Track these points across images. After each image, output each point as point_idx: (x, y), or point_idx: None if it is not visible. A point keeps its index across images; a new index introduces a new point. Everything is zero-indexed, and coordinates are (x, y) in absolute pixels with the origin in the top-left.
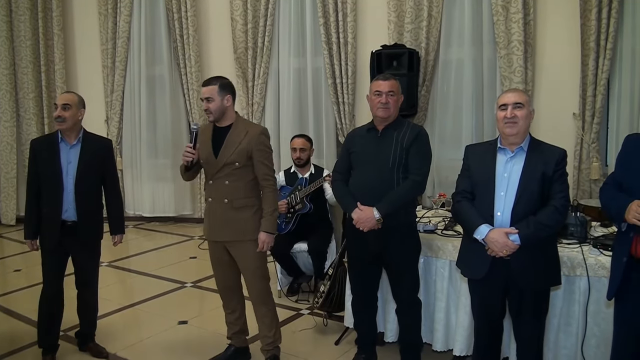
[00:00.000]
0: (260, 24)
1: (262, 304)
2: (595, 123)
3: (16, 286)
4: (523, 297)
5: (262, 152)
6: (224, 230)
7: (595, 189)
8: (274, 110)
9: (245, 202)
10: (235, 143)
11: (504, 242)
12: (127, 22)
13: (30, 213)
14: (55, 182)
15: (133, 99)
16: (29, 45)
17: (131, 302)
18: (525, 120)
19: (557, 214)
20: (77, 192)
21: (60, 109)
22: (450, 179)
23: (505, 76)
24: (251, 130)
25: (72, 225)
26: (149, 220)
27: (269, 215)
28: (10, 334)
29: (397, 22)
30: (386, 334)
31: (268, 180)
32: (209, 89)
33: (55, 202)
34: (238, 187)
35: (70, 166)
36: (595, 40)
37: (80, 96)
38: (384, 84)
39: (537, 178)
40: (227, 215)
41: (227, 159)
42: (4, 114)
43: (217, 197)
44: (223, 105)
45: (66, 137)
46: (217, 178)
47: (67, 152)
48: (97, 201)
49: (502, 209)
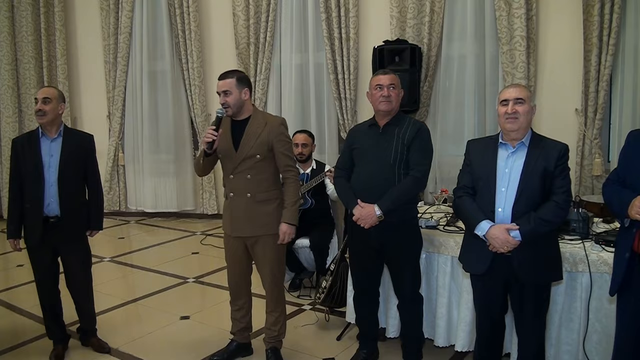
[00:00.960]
0: (262, 19)
1: (275, 300)
2: (597, 119)
3: (19, 281)
4: (524, 292)
5: (283, 143)
6: (248, 226)
7: (598, 185)
8: (276, 106)
9: (268, 196)
10: (255, 135)
11: (504, 238)
12: (129, 17)
13: (12, 211)
14: (37, 175)
15: (135, 95)
16: (30, 40)
17: (133, 298)
18: (526, 115)
19: (558, 210)
20: (59, 185)
21: (40, 102)
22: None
23: (507, 72)
24: (270, 121)
25: (55, 220)
26: (151, 216)
27: (291, 206)
28: (13, 328)
29: (400, 18)
30: (388, 329)
31: (290, 171)
32: (227, 82)
33: (36, 196)
34: (260, 180)
35: (52, 159)
36: (598, 35)
37: (60, 91)
38: (384, 78)
39: (539, 173)
40: (251, 210)
41: (248, 152)
42: (6, 110)
43: (239, 191)
44: (241, 98)
45: (47, 131)
46: (238, 172)
47: (49, 145)
48: (81, 196)
49: (503, 204)
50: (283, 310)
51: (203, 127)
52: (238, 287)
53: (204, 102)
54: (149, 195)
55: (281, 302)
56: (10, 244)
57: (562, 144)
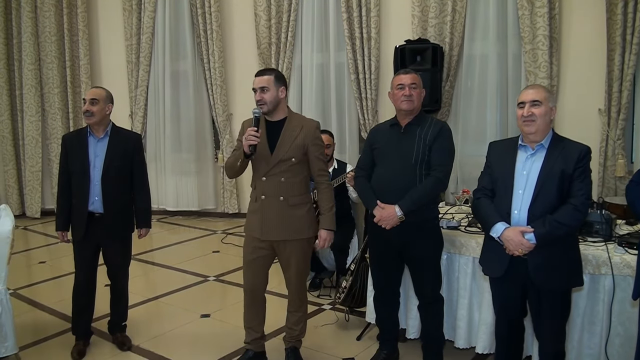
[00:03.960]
0: (283, 19)
1: (298, 301)
2: (621, 119)
3: (40, 278)
4: (541, 297)
5: (318, 147)
6: (279, 230)
7: (621, 186)
8: (297, 106)
9: (300, 200)
10: (292, 138)
11: (518, 240)
12: (151, 17)
13: (61, 205)
14: (83, 174)
15: (157, 94)
16: (54, 41)
17: (155, 295)
18: (543, 117)
19: (575, 213)
20: (103, 185)
21: (88, 103)
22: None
23: (530, 71)
24: (306, 124)
25: (99, 217)
26: (172, 214)
27: (328, 212)
28: (35, 324)
29: (421, 17)
30: (408, 330)
31: (324, 175)
32: (265, 79)
33: (82, 194)
34: (294, 184)
35: (97, 159)
36: (622, 34)
37: (108, 91)
38: (405, 77)
39: (556, 176)
40: (283, 214)
41: (284, 155)
42: (29, 109)
43: (272, 194)
44: (278, 96)
45: (94, 131)
46: (272, 175)
47: (95, 145)
48: (125, 194)
49: (519, 207)
50: (305, 310)
51: (224, 126)
52: (255, 292)
53: (225, 101)
54: (171, 193)
55: (305, 302)
56: (59, 236)
57: (583, 146)
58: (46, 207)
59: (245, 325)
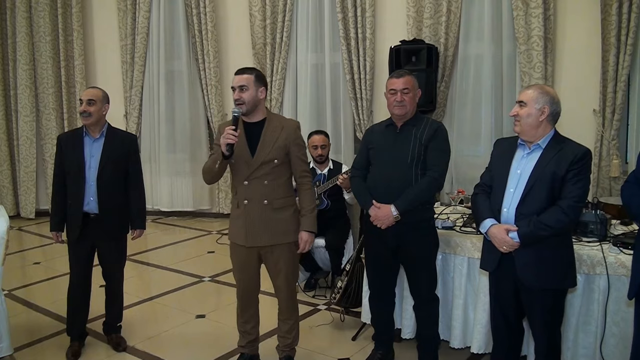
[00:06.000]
0: (278, 19)
1: (289, 307)
2: (615, 120)
3: (35, 279)
4: (532, 296)
5: (299, 147)
6: (264, 234)
7: (615, 186)
8: (292, 106)
9: (285, 202)
10: (273, 139)
11: (502, 238)
12: (146, 17)
13: (55, 205)
14: (78, 174)
15: (152, 95)
16: (48, 41)
17: (149, 296)
18: (527, 118)
19: (561, 215)
20: (98, 185)
21: (85, 104)
22: (469, 176)
23: (525, 72)
24: (287, 125)
25: (94, 217)
26: (167, 215)
27: (309, 214)
28: (29, 325)
29: (416, 18)
30: (403, 330)
31: (306, 176)
32: (245, 78)
33: (77, 194)
34: (277, 186)
35: (93, 159)
36: (616, 35)
37: (104, 91)
38: (397, 82)
39: (547, 177)
40: (267, 218)
41: (266, 157)
42: (23, 109)
43: (255, 198)
44: (257, 96)
45: (90, 131)
46: (254, 178)
47: (91, 145)
48: (120, 195)
49: (509, 205)
50: (297, 317)
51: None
52: (248, 298)
53: (220, 102)
54: (165, 194)
55: (296, 309)
56: (53, 236)
57: (581, 149)
58: (41, 208)
59: (240, 329)
